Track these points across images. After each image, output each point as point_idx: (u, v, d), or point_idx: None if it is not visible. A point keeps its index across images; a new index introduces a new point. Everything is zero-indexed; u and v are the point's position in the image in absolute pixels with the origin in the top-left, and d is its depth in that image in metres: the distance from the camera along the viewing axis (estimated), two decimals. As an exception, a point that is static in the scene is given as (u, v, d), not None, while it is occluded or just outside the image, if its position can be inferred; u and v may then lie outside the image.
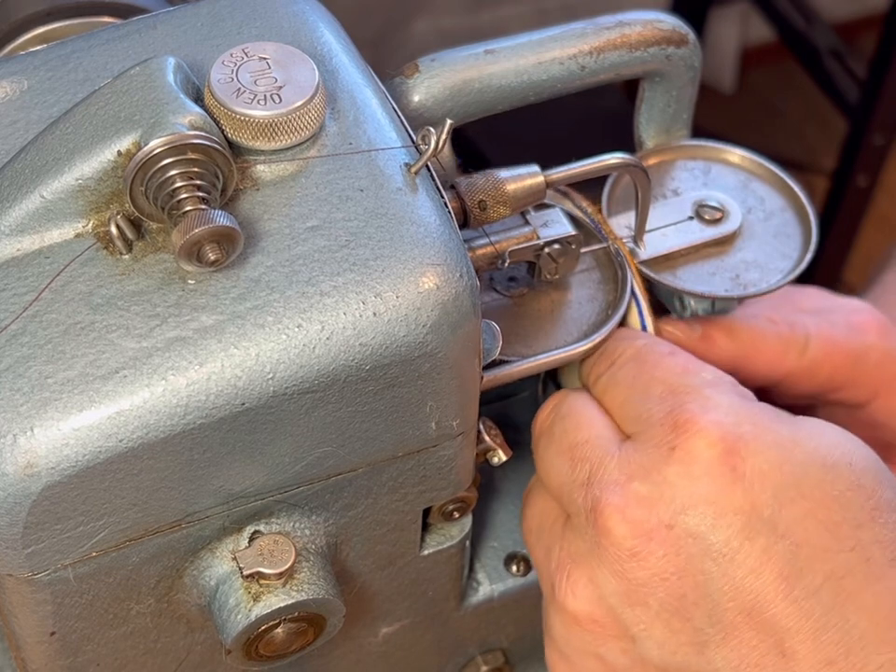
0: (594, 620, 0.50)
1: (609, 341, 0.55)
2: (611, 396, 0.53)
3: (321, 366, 0.44)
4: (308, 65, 0.46)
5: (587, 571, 0.50)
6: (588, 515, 0.50)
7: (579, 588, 0.50)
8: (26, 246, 0.45)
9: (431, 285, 0.44)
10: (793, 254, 0.59)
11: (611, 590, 0.49)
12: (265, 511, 0.48)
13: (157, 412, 0.42)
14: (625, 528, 0.49)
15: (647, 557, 0.48)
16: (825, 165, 2.02)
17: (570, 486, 0.51)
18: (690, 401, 0.50)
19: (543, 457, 0.53)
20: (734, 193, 0.60)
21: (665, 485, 0.48)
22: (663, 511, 0.48)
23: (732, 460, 0.48)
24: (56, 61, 0.49)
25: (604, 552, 0.49)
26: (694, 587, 0.48)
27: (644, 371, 0.52)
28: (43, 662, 0.49)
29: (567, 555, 0.51)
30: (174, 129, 0.43)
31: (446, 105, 0.55)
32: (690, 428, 0.49)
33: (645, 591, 0.49)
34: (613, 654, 0.50)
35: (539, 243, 0.55)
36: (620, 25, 0.57)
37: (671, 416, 0.49)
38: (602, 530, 0.49)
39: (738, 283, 0.58)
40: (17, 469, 0.42)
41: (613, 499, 0.49)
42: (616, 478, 0.49)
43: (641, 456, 0.49)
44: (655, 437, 0.49)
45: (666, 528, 0.48)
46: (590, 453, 0.51)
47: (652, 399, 0.51)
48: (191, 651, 0.52)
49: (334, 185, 0.46)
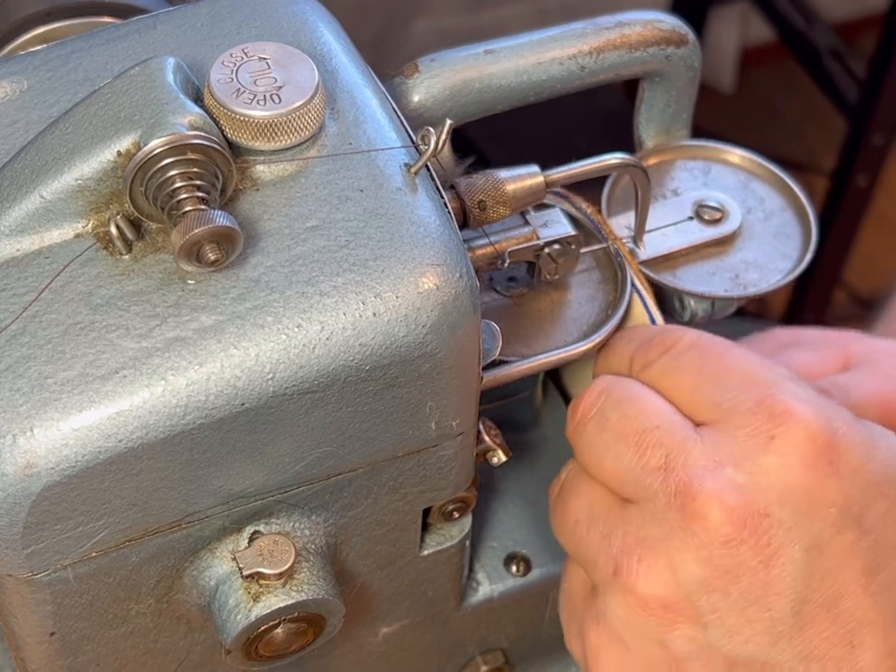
0: (665, 605, 0.49)
1: (650, 330, 0.54)
2: (674, 382, 0.52)
3: (321, 366, 0.44)
4: (308, 65, 0.46)
5: (663, 556, 0.49)
6: (671, 500, 0.49)
7: (653, 572, 0.49)
8: (26, 247, 0.45)
9: (431, 285, 0.44)
10: (793, 254, 0.59)
11: (692, 576, 0.48)
12: (265, 511, 0.48)
13: (156, 412, 0.42)
14: (722, 515, 0.48)
15: (739, 545, 0.48)
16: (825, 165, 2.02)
17: (638, 472, 0.50)
18: (780, 392, 0.49)
19: (594, 444, 0.52)
20: (733, 193, 0.60)
21: (761, 474, 0.48)
22: (759, 500, 0.48)
23: (830, 454, 0.48)
24: (56, 61, 0.49)
25: (692, 537, 0.48)
26: (780, 578, 0.48)
27: (713, 359, 0.51)
28: (43, 662, 0.49)
29: (636, 540, 0.49)
30: (173, 129, 0.43)
31: (446, 106, 0.55)
32: (789, 419, 0.49)
33: (728, 578, 0.48)
34: (679, 642, 0.49)
35: (539, 243, 0.55)
36: (619, 25, 0.57)
37: (765, 405, 0.49)
38: (694, 515, 0.48)
39: (738, 283, 0.58)
40: (17, 469, 0.42)
41: (708, 484, 0.48)
42: (704, 463, 0.49)
43: (731, 444, 0.49)
44: (748, 425, 0.49)
45: (761, 517, 0.48)
46: (664, 438, 0.50)
47: (731, 387, 0.50)
48: (191, 652, 0.52)
49: (334, 185, 0.46)
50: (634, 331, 0.55)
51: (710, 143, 0.62)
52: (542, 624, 0.63)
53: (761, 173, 0.61)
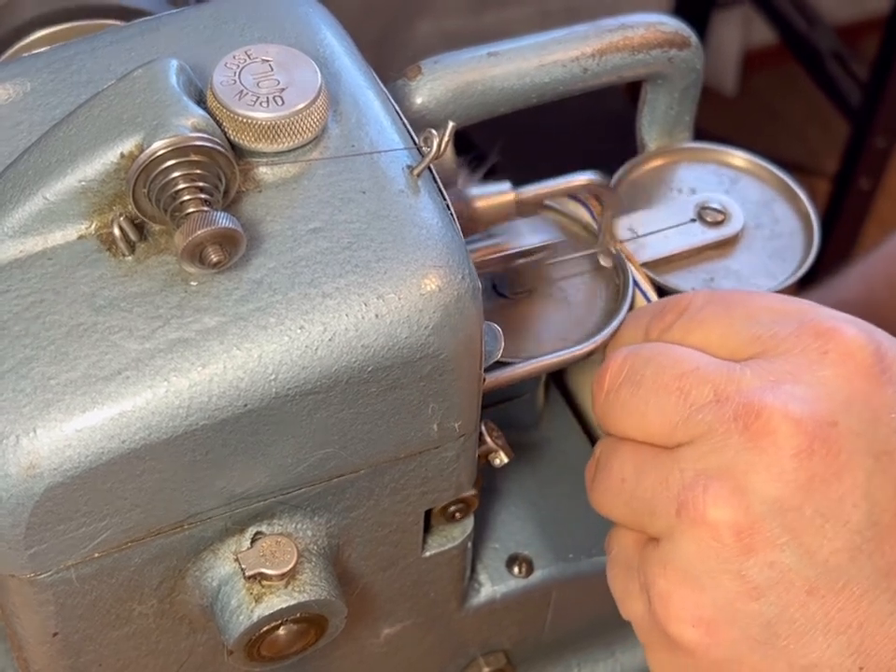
0: (738, 531, 0.47)
1: (661, 301, 0.54)
2: (701, 335, 0.51)
3: (323, 367, 0.44)
4: (311, 68, 0.46)
5: (730, 481, 0.47)
6: (730, 426, 0.47)
7: (721, 499, 0.47)
8: (29, 248, 0.45)
9: (433, 287, 0.45)
10: (780, 276, 0.59)
11: (764, 495, 0.47)
12: (267, 512, 0.48)
13: (159, 413, 0.43)
14: (790, 426, 0.46)
15: (810, 457, 0.46)
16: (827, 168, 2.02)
17: (686, 412, 0.48)
18: (817, 315, 0.49)
19: (631, 404, 0.50)
20: (750, 207, 0.60)
21: (820, 386, 0.47)
22: (824, 409, 0.47)
23: (881, 362, 0.48)
24: (59, 63, 0.49)
25: (760, 456, 0.47)
26: (854, 488, 0.47)
27: (737, 304, 0.51)
28: (45, 662, 0.49)
29: (696, 473, 0.48)
30: (176, 131, 0.43)
31: (449, 108, 0.55)
32: (837, 335, 0.48)
33: (802, 495, 0.47)
34: (757, 569, 0.47)
35: (510, 253, 0.55)
36: (622, 28, 0.57)
37: (809, 327, 0.49)
38: (760, 433, 0.47)
39: (710, 286, 0.58)
40: (20, 469, 0.42)
41: (769, 399, 0.47)
42: (759, 384, 0.48)
43: (783, 364, 0.48)
44: (796, 347, 0.48)
45: (829, 426, 0.47)
46: (708, 374, 0.49)
47: (765, 322, 0.50)
48: (193, 652, 0.52)
49: (336, 187, 0.46)
50: (641, 309, 0.55)
51: (713, 145, 0.62)
52: (544, 626, 0.63)
53: (759, 172, 0.61)
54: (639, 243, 0.58)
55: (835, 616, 0.47)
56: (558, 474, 0.63)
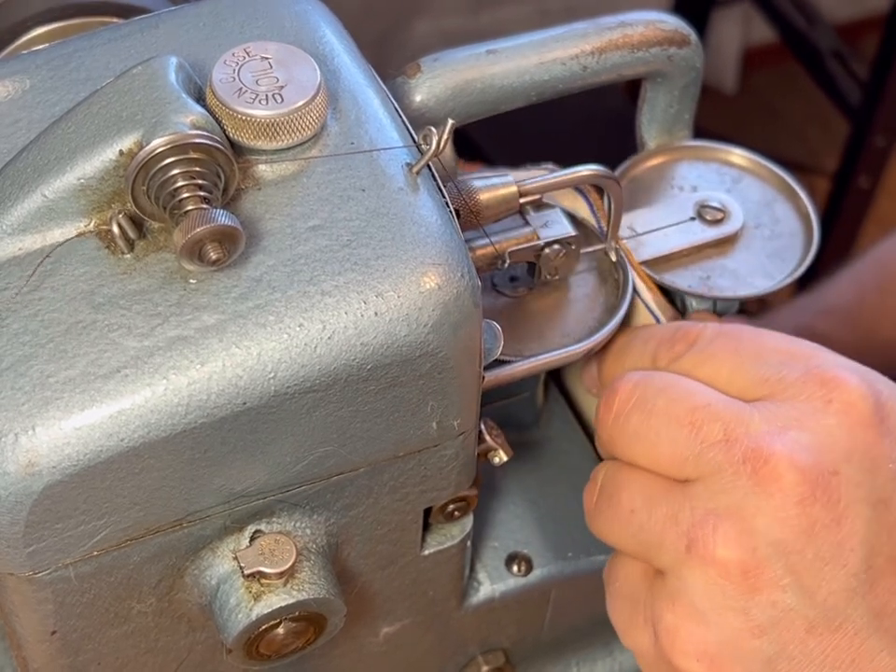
0: (745, 571, 0.49)
1: (667, 327, 0.55)
2: (710, 369, 0.52)
3: (322, 365, 0.44)
4: (310, 65, 0.46)
5: (738, 523, 0.49)
6: (739, 468, 0.49)
7: (731, 538, 0.49)
8: (28, 245, 0.45)
9: (433, 284, 0.44)
10: (777, 276, 0.59)
11: (769, 539, 0.49)
12: (266, 510, 0.48)
13: (158, 411, 0.42)
14: (796, 474, 0.48)
15: (812, 504, 0.48)
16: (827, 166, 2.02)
17: (698, 449, 0.50)
18: (823, 362, 0.51)
19: (640, 433, 0.51)
20: (751, 206, 0.60)
21: (824, 435, 0.49)
22: (827, 459, 0.49)
23: (881, 413, 0.50)
24: (58, 60, 0.49)
25: (766, 500, 0.48)
26: (852, 534, 0.48)
27: (747, 341, 0.52)
28: (44, 661, 0.49)
29: (706, 511, 0.49)
30: (175, 128, 0.43)
31: (448, 105, 0.55)
32: (840, 384, 0.50)
33: (804, 539, 0.48)
34: (760, 608, 0.49)
35: (540, 243, 0.55)
36: (622, 26, 0.57)
37: (813, 374, 0.50)
38: (767, 478, 0.48)
39: (706, 284, 0.58)
40: (18, 467, 0.42)
41: (777, 447, 0.49)
42: (767, 429, 0.49)
43: (790, 410, 0.50)
44: (802, 393, 0.50)
45: (831, 475, 0.49)
46: (718, 413, 0.50)
47: (773, 363, 0.51)
48: (192, 651, 0.52)
49: (336, 184, 0.46)
50: (648, 330, 0.55)
51: (712, 143, 0.62)
52: (544, 624, 0.63)
53: (761, 171, 0.61)
54: (639, 241, 0.58)
55: (831, 653, 0.49)
56: (558, 473, 0.63)
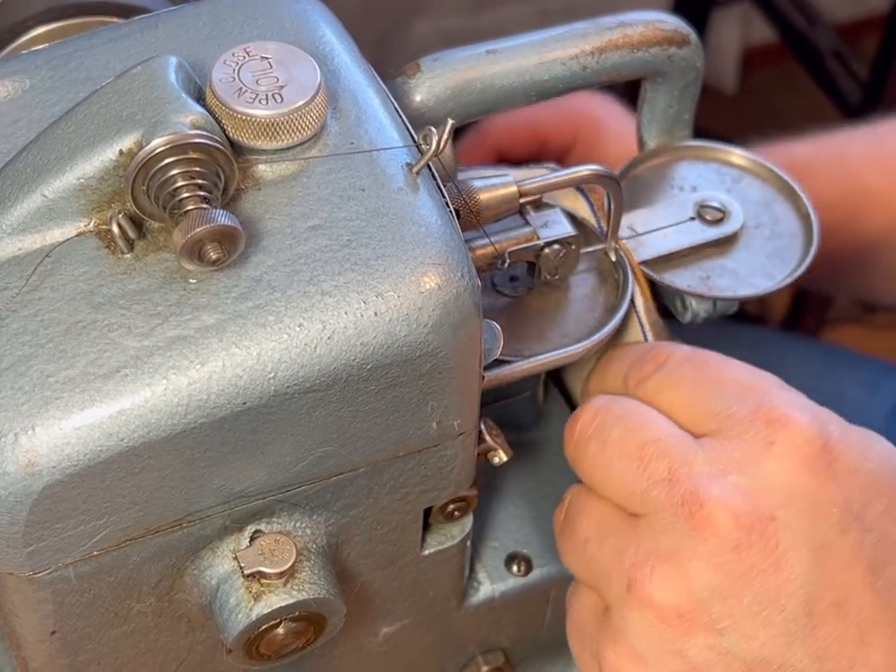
0: (681, 614, 0.50)
1: (642, 347, 0.55)
2: (671, 396, 0.53)
3: (322, 365, 0.44)
4: (310, 65, 0.46)
5: (676, 565, 0.49)
6: (678, 510, 0.49)
7: (667, 582, 0.49)
8: (28, 245, 0.45)
9: (433, 284, 0.44)
10: (777, 276, 0.59)
11: (705, 583, 0.49)
12: (266, 510, 0.48)
13: (158, 411, 0.42)
14: (730, 520, 0.49)
15: (748, 549, 0.49)
16: (827, 166, 2.01)
17: (644, 485, 0.50)
18: (774, 399, 0.51)
19: (597, 461, 0.52)
20: (751, 207, 0.60)
21: (764, 478, 0.49)
22: (764, 504, 0.49)
23: (827, 456, 0.49)
24: (58, 60, 0.49)
25: (702, 545, 0.49)
26: (790, 579, 0.49)
27: (708, 372, 0.52)
28: (44, 661, 0.49)
29: (647, 552, 0.50)
30: (175, 128, 0.43)
31: (448, 105, 0.55)
32: (787, 425, 0.50)
33: (741, 583, 0.49)
34: (696, 650, 0.50)
35: (540, 243, 0.55)
36: (622, 26, 0.57)
37: (761, 413, 0.50)
38: (703, 523, 0.49)
39: (706, 284, 0.58)
40: (18, 467, 0.42)
41: (714, 492, 0.49)
42: (708, 471, 0.50)
43: (732, 451, 0.50)
44: (747, 433, 0.50)
45: (768, 520, 0.49)
46: (666, 449, 0.51)
47: (728, 397, 0.51)
48: (192, 651, 0.52)
49: (336, 184, 0.46)
50: (626, 350, 0.56)
51: (712, 143, 0.62)
52: (543, 624, 0.63)
53: (761, 171, 0.61)
54: (639, 241, 0.58)
55: None
56: (557, 473, 0.63)
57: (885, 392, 0.92)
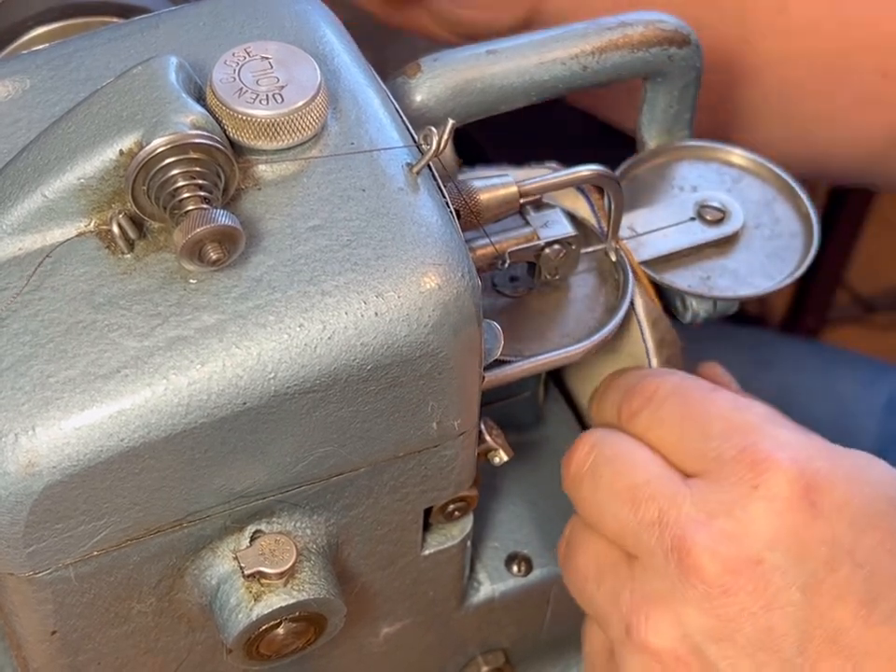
0: (678, 658, 0.50)
1: (635, 376, 0.56)
2: (660, 433, 0.53)
3: (322, 365, 0.44)
4: (310, 65, 0.46)
5: (669, 610, 0.50)
6: (668, 555, 0.50)
7: (662, 627, 0.50)
8: (28, 245, 0.45)
9: (433, 284, 0.44)
10: (777, 276, 0.59)
11: (698, 627, 0.50)
12: (266, 510, 0.48)
13: (158, 411, 0.42)
14: (717, 566, 0.49)
15: (737, 593, 0.49)
16: (827, 166, 2.01)
17: (636, 528, 0.51)
18: (759, 439, 0.51)
19: (591, 502, 0.53)
20: (752, 206, 0.60)
21: (749, 522, 0.50)
22: (750, 547, 0.49)
23: (812, 495, 0.50)
24: (58, 60, 0.49)
25: (691, 589, 0.50)
26: (783, 619, 0.49)
27: (694, 408, 0.53)
28: (44, 661, 0.49)
29: (642, 596, 0.51)
30: (176, 128, 0.43)
31: (448, 105, 0.55)
32: (770, 466, 0.50)
33: (733, 626, 0.49)
34: None
35: (540, 243, 0.55)
36: (622, 26, 0.57)
37: (746, 454, 0.51)
38: (691, 569, 0.50)
39: (706, 284, 0.58)
40: (18, 467, 0.42)
41: (700, 538, 0.50)
42: (695, 516, 0.50)
43: (719, 494, 0.50)
44: (732, 475, 0.51)
45: (755, 563, 0.49)
46: (656, 492, 0.51)
47: (714, 436, 0.52)
48: (192, 651, 0.52)
49: (336, 184, 0.46)
50: (620, 379, 0.56)
51: (712, 143, 0.62)
52: (544, 624, 0.63)
53: (761, 171, 0.61)
54: (639, 241, 0.58)
55: None
56: (558, 473, 0.62)
57: (880, 387, 0.92)
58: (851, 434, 0.80)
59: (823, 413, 0.84)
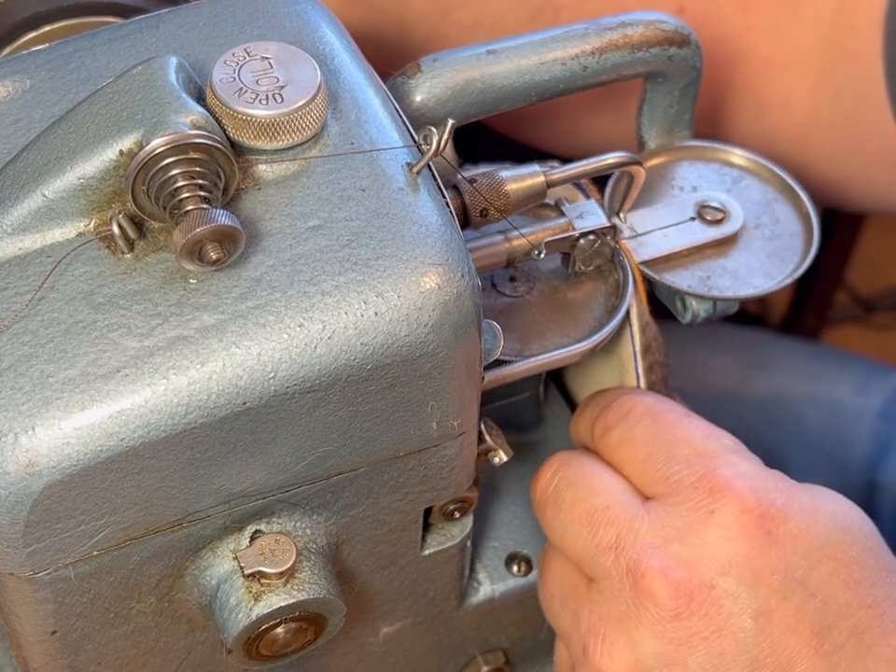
0: None
1: (613, 395, 0.56)
2: (627, 453, 0.54)
3: (322, 365, 0.44)
4: (310, 65, 0.46)
5: (623, 633, 0.51)
6: (624, 578, 0.51)
7: (616, 650, 0.51)
8: (28, 245, 0.45)
9: (433, 284, 0.44)
10: (777, 276, 0.59)
11: (650, 651, 0.50)
12: (266, 510, 0.48)
13: (158, 411, 0.42)
14: (669, 590, 0.50)
15: (689, 617, 0.50)
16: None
17: (593, 551, 0.52)
18: (720, 466, 0.52)
19: (554, 525, 0.54)
20: (752, 207, 0.60)
21: (704, 547, 0.50)
22: (704, 573, 0.50)
23: (767, 525, 0.50)
24: (58, 60, 0.49)
25: (644, 613, 0.50)
26: (734, 645, 0.50)
27: (664, 431, 0.53)
28: (44, 661, 0.49)
29: (599, 618, 0.52)
30: (175, 128, 0.43)
31: (448, 105, 0.55)
32: (727, 494, 0.51)
33: (685, 650, 0.50)
34: None
35: (575, 234, 0.55)
36: (622, 26, 0.57)
37: (705, 480, 0.51)
38: (644, 592, 0.50)
39: (706, 284, 0.58)
40: (18, 467, 0.42)
41: (654, 562, 0.50)
42: (651, 541, 0.51)
43: (675, 519, 0.51)
44: (690, 500, 0.51)
45: (708, 588, 0.50)
46: (614, 517, 0.52)
47: (678, 460, 0.52)
48: (192, 651, 0.52)
49: (336, 184, 0.46)
50: (599, 397, 0.57)
51: (712, 143, 0.62)
52: (543, 625, 0.63)
53: (761, 172, 0.61)
54: (639, 241, 0.58)
55: None
56: (557, 473, 0.63)
57: (874, 392, 0.92)
58: (845, 441, 0.80)
59: (817, 419, 0.84)
